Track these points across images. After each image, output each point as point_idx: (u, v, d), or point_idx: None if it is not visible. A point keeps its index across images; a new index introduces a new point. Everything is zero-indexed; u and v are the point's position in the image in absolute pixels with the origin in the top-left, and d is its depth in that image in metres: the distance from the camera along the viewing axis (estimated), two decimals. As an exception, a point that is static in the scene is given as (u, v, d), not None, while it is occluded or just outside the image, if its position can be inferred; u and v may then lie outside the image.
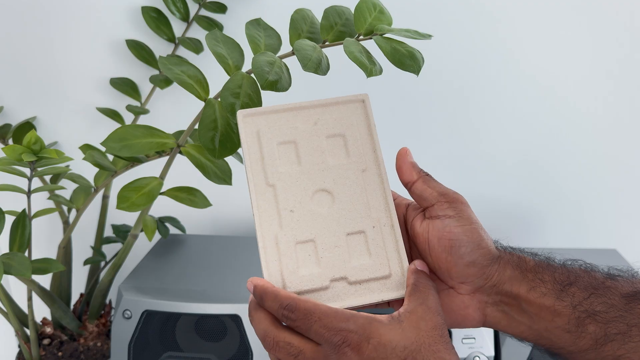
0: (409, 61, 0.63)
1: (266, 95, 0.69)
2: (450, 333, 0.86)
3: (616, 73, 1.10)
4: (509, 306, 0.52)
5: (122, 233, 1.14)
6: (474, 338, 0.87)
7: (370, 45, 0.69)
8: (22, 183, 0.89)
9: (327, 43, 0.71)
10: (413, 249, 0.56)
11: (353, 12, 0.69)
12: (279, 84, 0.65)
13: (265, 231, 0.52)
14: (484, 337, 0.86)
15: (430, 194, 0.53)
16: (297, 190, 0.52)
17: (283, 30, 0.75)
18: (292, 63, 0.70)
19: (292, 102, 0.55)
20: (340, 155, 0.53)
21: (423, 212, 0.54)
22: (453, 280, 0.53)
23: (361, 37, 0.70)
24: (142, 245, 1.10)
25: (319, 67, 0.64)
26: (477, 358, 0.86)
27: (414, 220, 0.55)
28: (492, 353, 0.86)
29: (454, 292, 0.53)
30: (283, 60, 0.70)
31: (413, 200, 0.57)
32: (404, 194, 0.58)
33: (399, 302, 0.52)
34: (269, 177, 0.53)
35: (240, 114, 0.54)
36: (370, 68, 0.63)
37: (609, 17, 1.07)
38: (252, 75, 0.69)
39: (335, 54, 0.72)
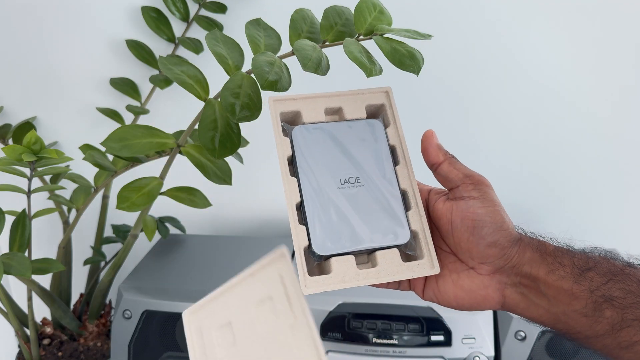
0: (409, 61, 0.63)
1: (269, 95, 0.69)
2: (450, 333, 0.86)
3: (616, 74, 1.09)
4: (528, 288, 0.53)
5: (122, 233, 1.14)
6: (474, 338, 0.87)
7: (370, 45, 0.69)
8: (22, 183, 0.89)
9: (327, 43, 0.71)
10: (434, 231, 0.57)
11: (353, 12, 0.69)
12: (279, 83, 0.65)
13: None
14: (484, 337, 0.86)
15: (455, 175, 0.54)
16: None
17: (283, 30, 0.75)
18: (292, 63, 0.70)
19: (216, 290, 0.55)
20: (269, 319, 0.52)
21: (446, 194, 0.56)
22: (474, 261, 0.54)
23: (361, 37, 0.70)
24: (142, 245, 1.10)
25: (319, 67, 0.64)
26: (477, 358, 0.86)
27: (437, 202, 0.56)
28: (492, 353, 0.86)
29: (474, 273, 0.54)
30: (283, 60, 0.70)
31: (433, 187, 0.59)
32: (427, 178, 0.60)
33: None
34: None
35: None
36: (370, 68, 0.63)
37: (611, 18, 1.07)
38: (252, 75, 0.69)
39: (335, 54, 0.72)
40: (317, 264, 0.55)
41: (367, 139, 0.58)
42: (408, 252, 0.56)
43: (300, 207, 0.55)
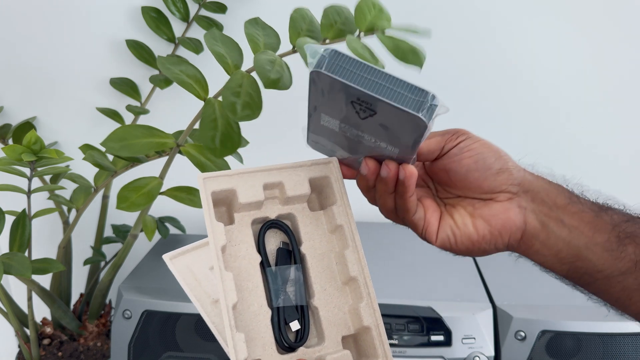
0: (412, 56, 0.64)
1: (266, 94, 0.69)
2: (450, 333, 0.86)
3: (613, 74, 1.10)
4: (548, 217, 0.51)
5: (122, 233, 1.14)
6: (474, 338, 0.87)
7: (370, 42, 0.69)
8: (22, 183, 0.89)
9: (327, 41, 0.71)
10: (440, 190, 0.55)
11: (352, 11, 0.69)
12: (281, 82, 0.65)
13: None
14: (484, 337, 0.86)
15: (435, 142, 0.51)
16: None
17: (281, 30, 0.75)
18: (292, 62, 0.70)
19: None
20: None
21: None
22: (488, 194, 0.52)
23: (362, 34, 0.70)
24: (142, 245, 1.10)
25: (322, 63, 0.65)
26: (477, 358, 0.86)
27: (426, 164, 0.54)
28: (492, 353, 0.86)
29: (492, 202, 0.52)
30: (283, 58, 0.70)
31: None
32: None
33: None
34: None
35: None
36: (373, 63, 0.64)
37: (608, 17, 1.07)
38: (252, 74, 0.69)
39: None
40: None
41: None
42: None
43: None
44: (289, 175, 0.54)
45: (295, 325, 0.52)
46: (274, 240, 0.55)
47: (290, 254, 0.54)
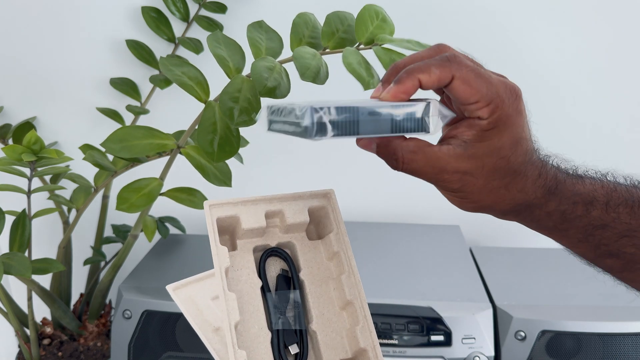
0: (407, 75, 0.63)
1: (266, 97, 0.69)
2: (450, 333, 0.87)
3: (617, 71, 1.09)
4: (522, 222, 0.49)
5: (122, 233, 1.14)
6: (474, 338, 0.87)
7: (372, 53, 0.68)
8: (22, 183, 0.89)
9: (327, 50, 0.70)
10: None
11: (355, 17, 0.68)
12: (278, 90, 0.64)
13: None
14: (484, 337, 0.86)
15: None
16: None
17: (284, 30, 0.75)
18: (293, 68, 0.69)
19: None
20: None
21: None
22: None
23: (362, 45, 0.70)
24: (142, 245, 1.10)
25: (317, 76, 0.64)
26: (477, 358, 0.86)
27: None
28: (492, 353, 0.86)
29: None
30: (284, 65, 0.70)
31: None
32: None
33: None
34: None
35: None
36: (367, 80, 0.63)
37: (613, 12, 1.07)
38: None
39: (336, 59, 0.72)
40: None
41: None
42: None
43: None
44: (289, 205, 0.56)
45: (294, 349, 0.53)
46: (274, 268, 0.57)
47: (290, 280, 0.56)
